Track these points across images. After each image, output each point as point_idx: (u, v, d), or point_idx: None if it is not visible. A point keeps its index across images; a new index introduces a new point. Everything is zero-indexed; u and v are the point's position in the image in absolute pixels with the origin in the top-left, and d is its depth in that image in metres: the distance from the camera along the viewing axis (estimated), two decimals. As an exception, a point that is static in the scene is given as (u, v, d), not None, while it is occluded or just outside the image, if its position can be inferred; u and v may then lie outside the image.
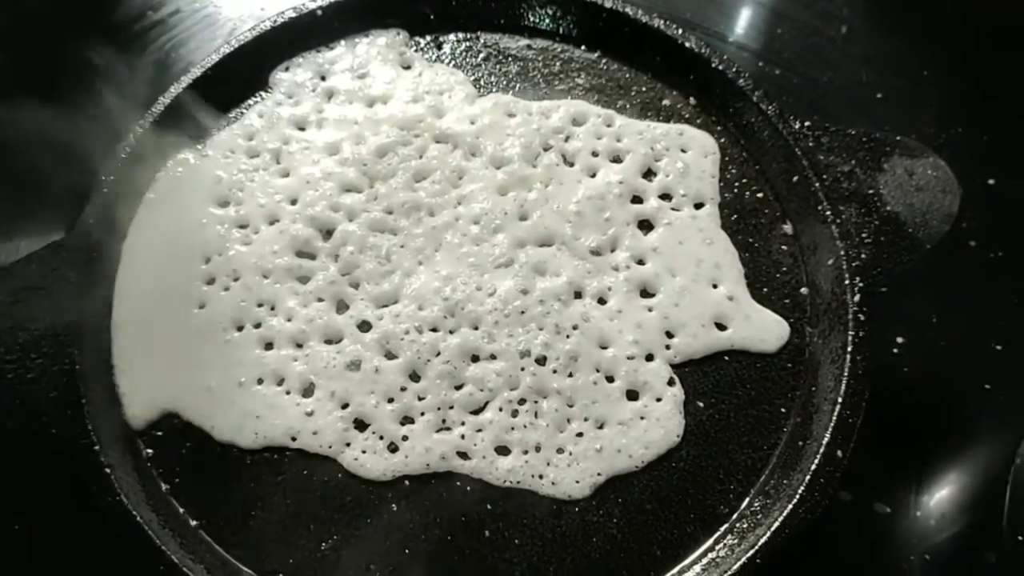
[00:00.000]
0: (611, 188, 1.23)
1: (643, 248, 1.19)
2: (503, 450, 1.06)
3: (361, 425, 1.07)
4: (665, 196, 1.24)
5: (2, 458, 1.07)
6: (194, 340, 1.12)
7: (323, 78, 1.35)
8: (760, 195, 1.25)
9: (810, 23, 1.59)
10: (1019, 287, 1.28)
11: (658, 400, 1.09)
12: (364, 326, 1.14)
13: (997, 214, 1.33)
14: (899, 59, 1.54)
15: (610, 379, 1.11)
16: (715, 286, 1.17)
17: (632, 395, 1.10)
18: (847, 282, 1.11)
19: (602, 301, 1.16)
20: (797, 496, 0.99)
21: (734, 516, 1.03)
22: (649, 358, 1.12)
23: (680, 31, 1.32)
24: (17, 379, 1.04)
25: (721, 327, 1.14)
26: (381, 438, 1.06)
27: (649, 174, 1.26)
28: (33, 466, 1.06)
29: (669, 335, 1.14)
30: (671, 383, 1.10)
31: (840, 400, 1.04)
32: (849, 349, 1.07)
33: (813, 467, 1.00)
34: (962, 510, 1.13)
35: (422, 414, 1.08)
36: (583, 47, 1.38)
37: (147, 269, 1.17)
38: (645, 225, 1.22)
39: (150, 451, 1.06)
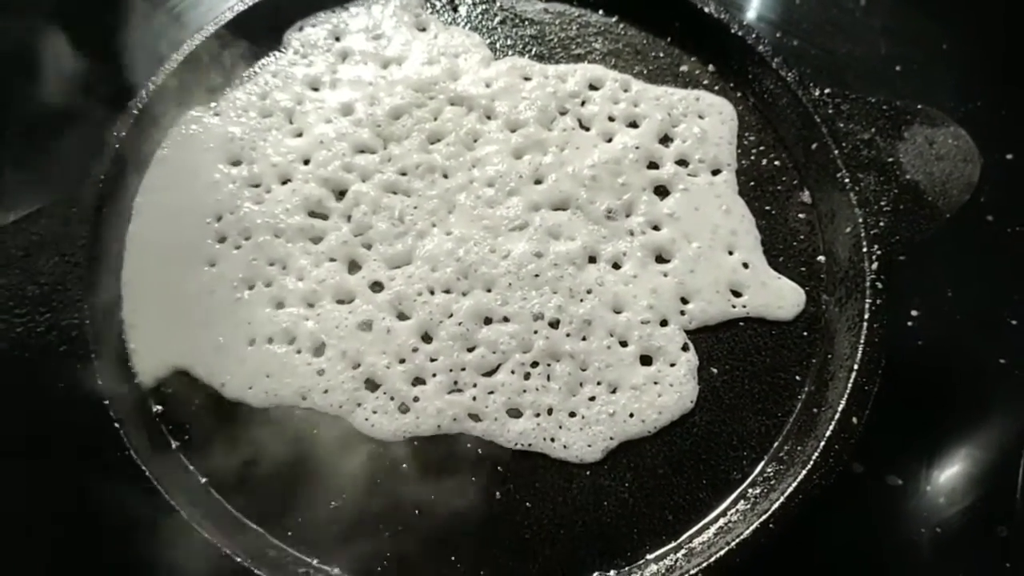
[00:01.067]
0: (627, 153, 1.22)
1: (659, 213, 1.18)
2: (515, 412, 1.05)
3: (372, 385, 1.06)
4: (682, 162, 1.23)
5: (12, 412, 1.06)
6: (205, 298, 1.11)
7: (338, 38, 1.34)
8: (778, 162, 1.24)
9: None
10: (1036, 262, 1.28)
11: (672, 365, 1.08)
12: (376, 287, 1.13)
13: (1015, 189, 1.32)
14: (918, 32, 1.52)
15: (624, 344, 1.10)
16: (731, 253, 1.16)
17: (646, 360, 1.09)
18: (865, 250, 1.10)
19: (617, 266, 1.15)
20: (811, 462, 0.98)
21: (746, 482, 1.02)
22: (663, 323, 1.11)
23: (701, -2, 1.32)
24: (26, 333, 1.03)
25: (737, 294, 1.13)
26: (392, 399, 1.05)
27: (666, 140, 1.25)
28: (42, 421, 1.05)
29: (684, 301, 1.13)
30: (685, 349, 1.09)
31: (856, 368, 1.03)
32: (866, 317, 1.06)
33: (828, 434, 0.99)
34: (974, 484, 1.12)
35: (434, 375, 1.07)
36: (600, 11, 1.38)
37: (158, 226, 1.16)
38: (661, 191, 1.21)
39: (159, 407, 1.05)
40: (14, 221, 1.09)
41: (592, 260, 1.15)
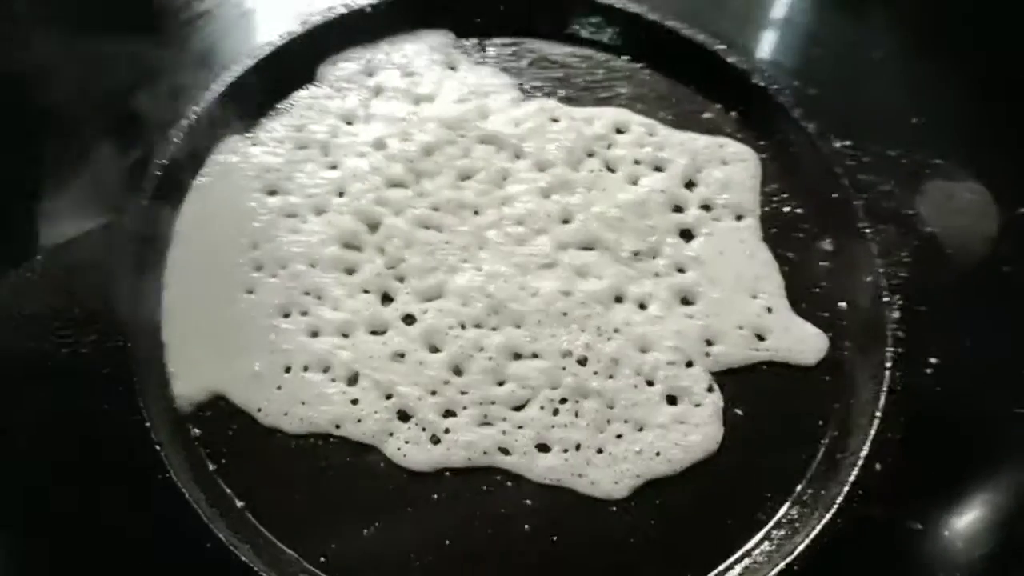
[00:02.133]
0: (653, 196, 1.25)
1: (684, 256, 1.21)
2: (543, 447, 1.07)
3: (404, 416, 1.08)
4: (706, 207, 1.26)
5: (54, 432, 1.07)
6: (242, 324, 1.13)
7: (370, 74, 1.36)
8: (800, 210, 1.26)
9: (846, 45, 1.60)
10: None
11: (697, 406, 1.10)
12: (409, 319, 1.15)
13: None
14: (935, 85, 1.54)
15: (650, 383, 1.12)
16: (755, 297, 1.18)
17: (672, 400, 1.11)
18: (886, 299, 1.13)
19: (643, 306, 1.17)
20: (835, 506, 1.00)
21: (771, 523, 1.04)
22: (689, 364, 1.13)
23: (724, 46, 1.34)
24: (71, 354, 1.05)
25: (761, 337, 1.15)
26: (424, 430, 1.07)
27: (690, 184, 1.28)
28: (84, 441, 1.06)
29: (709, 343, 1.15)
30: (711, 390, 1.11)
31: (879, 415, 1.05)
32: (888, 365, 1.08)
33: (852, 479, 1.01)
34: (994, 530, 1.13)
35: (464, 408, 1.09)
36: (626, 57, 1.40)
37: (197, 252, 1.18)
38: (686, 234, 1.23)
39: (198, 431, 1.06)
40: (58, 245, 1.11)
41: (619, 300, 1.17)
